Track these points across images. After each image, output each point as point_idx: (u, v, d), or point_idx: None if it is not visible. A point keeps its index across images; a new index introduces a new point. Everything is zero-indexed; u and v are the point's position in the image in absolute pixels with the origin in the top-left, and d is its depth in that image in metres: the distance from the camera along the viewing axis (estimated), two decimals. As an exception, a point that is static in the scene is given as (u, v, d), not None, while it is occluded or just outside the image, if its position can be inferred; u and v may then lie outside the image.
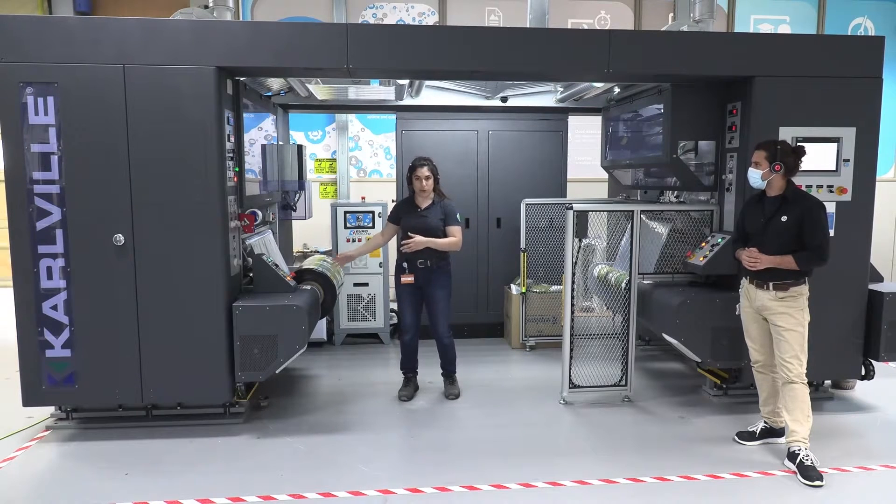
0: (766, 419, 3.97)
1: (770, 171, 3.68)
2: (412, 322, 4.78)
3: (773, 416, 3.94)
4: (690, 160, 4.62)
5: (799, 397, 3.66)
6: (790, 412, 3.66)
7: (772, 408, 3.94)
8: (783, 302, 3.67)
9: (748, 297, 3.87)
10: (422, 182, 4.65)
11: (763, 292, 3.74)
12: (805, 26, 8.57)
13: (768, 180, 3.70)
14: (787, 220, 3.65)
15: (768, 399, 3.94)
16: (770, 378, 3.90)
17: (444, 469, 3.66)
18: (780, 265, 3.66)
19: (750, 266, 3.74)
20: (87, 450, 3.91)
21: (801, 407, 3.64)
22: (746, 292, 3.88)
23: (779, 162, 3.65)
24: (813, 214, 3.63)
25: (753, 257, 3.71)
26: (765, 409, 3.97)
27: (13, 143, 3.81)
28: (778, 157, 3.66)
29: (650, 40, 4.31)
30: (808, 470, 3.53)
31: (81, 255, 3.89)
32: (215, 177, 3.93)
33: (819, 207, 3.65)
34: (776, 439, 3.95)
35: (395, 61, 4.14)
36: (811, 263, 3.67)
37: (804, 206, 3.64)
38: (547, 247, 6.08)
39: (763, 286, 3.74)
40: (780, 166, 3.65)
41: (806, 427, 3.64)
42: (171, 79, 3.85)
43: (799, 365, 3.66)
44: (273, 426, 4.25)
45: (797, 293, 3.68)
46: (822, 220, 3.64)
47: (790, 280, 3.67)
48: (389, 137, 8.31)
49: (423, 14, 8.27)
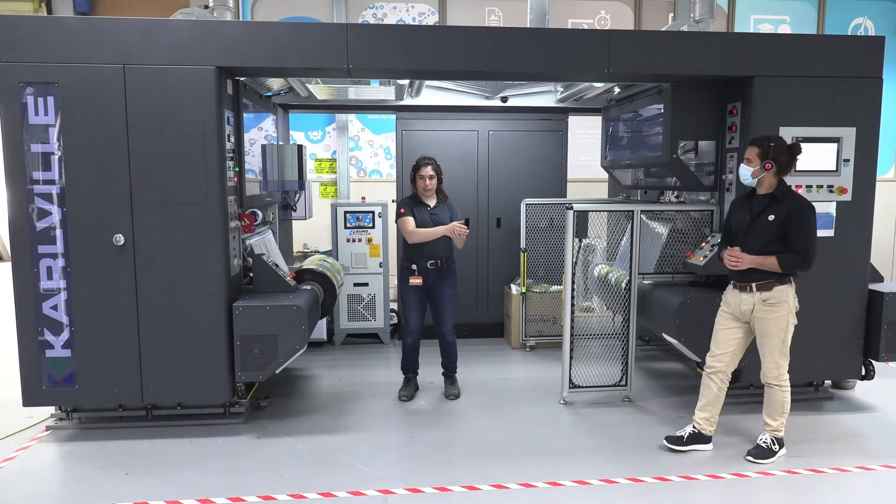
0: (697, 424, 3.88)
1: (761, 170, 3.58)
2: (417, 325, 4.78)
3: (706, 423, 3.86)
4: (690, 160, 4.62)
5: (776, 400, 3.71)
6: (766, 409, 3.76)
7: (708, 415, 3.85)
8: (767, 305, 3.61)
9: (729, 302, 3.79)
10: (426, 181, 4.64)
11: (748, 295, 3.65)
12: (805, 26, 8.57)
13: (759, 178, 3.61)
14: (773, 219, 3.56)
15: (707, 406, 3.85)
16: (716, 387, 3.82)
17: (444, 469, 3.67)
18: (762, 266, 3.56)
19: (731, 266, 3.65)
20: (87, 450, 3.91)
21: (777, 408, 3.73)
22: (728, 297, 3.79)
23: (770, 160, 3.55)
24: (800, 215, 3.53)
25: (735, 256, 3.61)
26: (700, 414, 3.87)
27: (13, 143, 3.81)
28: (770, 155, 3.55)
29: (650, 40, 4.31)
30: (759, 448, 3.74)
31: (81, 255, 3.89)
32: (215, 177, 3.93)
33: (808, 209, 3.56)
34: (703, 446, 3.86)
35: (395, 61, 4.14)
36: (794, 266, 3.57)
37: (792, 205, 3.55)
38: (547, 247, 6.08)
39: (746, 289, 3.65)
40: (771, 164, 3.55)
41: (779, 421, 3.73)
42: (171, 79, 3.85)
43: (776, 368, 3.66)
44: (273, 426, 4.25)
45: (782, 295, 3.59)
46: (810, 222, 3.54)
47: (773, 280, 3.59)
48: (389, 137, 8.31)
49: (423, 14, 8.26)
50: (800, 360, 4.35)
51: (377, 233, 6.13)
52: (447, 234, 4.55)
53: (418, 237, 4.59)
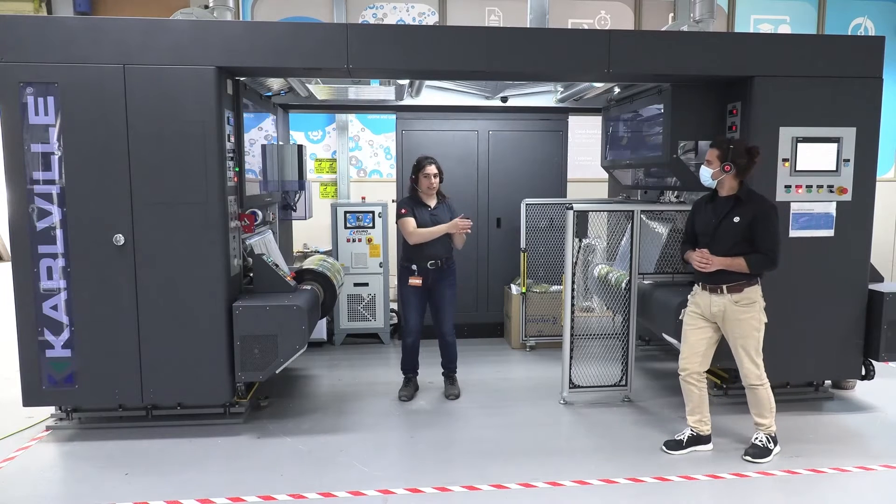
0: (693, 427, 3.89)
1: (720, 171, 3.64)
2: (416, 325, 4.78)
3: (700, 424, 3.87)
4: (690, 160, 4.61)
5: (762, 398, 3.73)
6: (754, 410, 3.78)
7: (699, 417, 3.86)
8: (739, 307, 3.64)
9: (698, 303, 3.80)
10: (430, 180, 4.64)
11: (718, 297, 3.68)
12: (805, 26, 8.57)
13: (719, 180, 3.67)
14: (739, 221, 3.61)
15: (695, 409, 3.86)
16: (696, 389, 3.83)
17: (444, 469, 3.67)
18: (731, 267, 3.62)
19: (700, 267, 3.69)
20: (87, 450, 3.91)
21: (765, 406, 3.75)
22: (697, 299, 3.82)
23: (729, 162, 3.60)
24: (765, 217, 3.59)
25: (704, 258, 3.66)
26: (691, 417, 3.88)
27: (13, 143, 3.81)
28: (729, 157, 3.60)
29: (650, 40, 4.31)
30: (756, 448, 3.76)
31: (81, 255, 3.89)
32: (215, 177, 3.93)
33: (772, 209, 3.62)
34: (703, 447, 3.88)
35: (395, 61, 4.14)
36: (762, 267, 3.63)
37: (757, 207, 3.60)
38: (547, 247, 6.08)
39: (716, 290, 3.68)
40: (730, 167, 3.61)
41: (770, 418, 3.76)
42: (171, 79, 3.85)
43: (756, 368, 3.70)
44: (273, 426, 4.25)
45: (753, 295, 3.66)
46: (773, 223, 3.60)
47: (742, 281, 3.64)
48: (389, 137, 8.31)
49: (423, 14, 8.26)
50: (800, 360, 4.38)
51: (377, 233, 6.14)
52: (450, 230, 4.55)
53: (419, 237, 4.59)
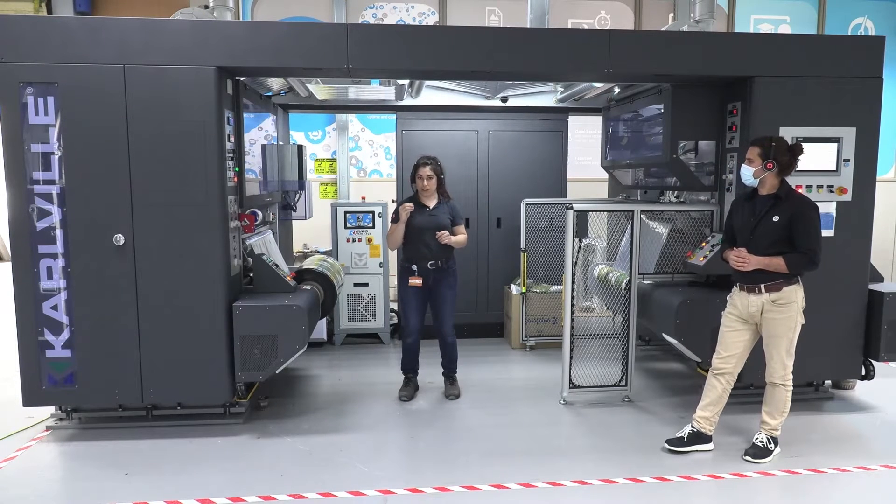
0: (697, 422, 3.86)
1: (762, 169, 3.58)
2: (417, 325, 4.78)
3: (707, 422, 3.85)
4: (690, 160, 4.62)
5: (780, 399, 3.72)
6: (767, 408, 3.77)
7: (709, 415, 3.84)
8: (777, 305, 3.61)
9: (736, 304, 3.77)
10: (423, 181, 4.64)
11: (755, 297, 3.64)
12: (805, 26, 8.57)
13: (760, 178, 3.61)
14: (778, 220, 3.56)
15: (709, 405, 3.83)
16: (721, 388, 3.81)
17: (444, 469, 3.67)
18: (769, 267, 3.57)
19: (738, 266, 3.65)
20: (87, 450, 3.91)
21: (779, 407, 3.74)
22: (735, 300, 3.78)
23: (771, 160, 3.55)
24: (806, 216, 3.53)
25: (742, 257, 3.62)
26: (701, 413, 3.85)
27: (13, 143, 3.81)
28: (771, 155, 3.56)
29: (650, 40, 4.32)
30: (756, 448, 3.75)
31: (81, 255, 3.89)
32: (215, 177, 3.93)
33: (813, 209, 3.57)
34: (704, 446, 3.85)
35: (395, 61, 4.14)
36: (801, 266, 3.57)
37: (797, 206, 3.55)
38: (547, 247, 6.08)
39: (755, 290, 3.64)
40: (772, 164, 3.55)
41: (778, 420, 3.75)
42: (171, 79, 3.85)
43: (783, 368, 3.68)
44: (273, 426, 4.25)
45: (792, 295, 3.60)
46: (815, 223, 3.54)
47: (781, 280, 3.59)
48: (389, 137, 8.31)
49: (423, 14, 8.27)
50: (800, 360, 4.36)
51: (377, 233, 6.13)
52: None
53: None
